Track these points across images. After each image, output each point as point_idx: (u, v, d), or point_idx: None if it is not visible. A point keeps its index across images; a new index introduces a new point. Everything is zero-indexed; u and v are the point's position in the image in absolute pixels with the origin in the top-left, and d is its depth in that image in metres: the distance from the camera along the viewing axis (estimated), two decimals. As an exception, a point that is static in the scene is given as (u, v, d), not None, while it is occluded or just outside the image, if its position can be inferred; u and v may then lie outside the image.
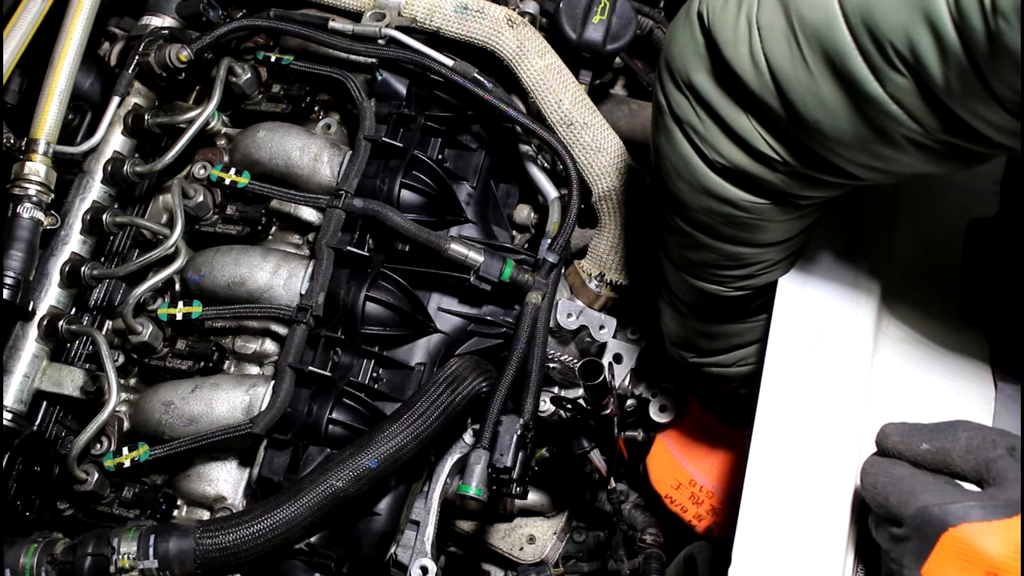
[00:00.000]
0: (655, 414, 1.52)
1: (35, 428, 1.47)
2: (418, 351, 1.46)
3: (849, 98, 0.85)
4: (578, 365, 1.31)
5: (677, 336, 1.33)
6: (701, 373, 1.34)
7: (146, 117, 1.58)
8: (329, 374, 1.40)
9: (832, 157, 0.93)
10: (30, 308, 1.46)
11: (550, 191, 1.52)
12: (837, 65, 0.84)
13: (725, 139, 0.96)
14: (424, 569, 1.42)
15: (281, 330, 1.50)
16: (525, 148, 1.55)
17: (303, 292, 1.45)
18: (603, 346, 1.50)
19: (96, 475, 1.41)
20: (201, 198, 1.54)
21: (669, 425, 1.53)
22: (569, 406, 1.45)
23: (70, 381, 1.48)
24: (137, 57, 1.58)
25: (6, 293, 1.39)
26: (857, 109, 0.86)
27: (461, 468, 1.35)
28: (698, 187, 1.01)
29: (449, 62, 1.51)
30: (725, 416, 1.47)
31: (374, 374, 1.44)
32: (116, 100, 1.57)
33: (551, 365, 1.50)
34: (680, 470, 1.49)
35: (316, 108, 1.67)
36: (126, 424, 1.49)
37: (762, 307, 1.19)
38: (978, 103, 0.79)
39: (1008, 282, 1.17)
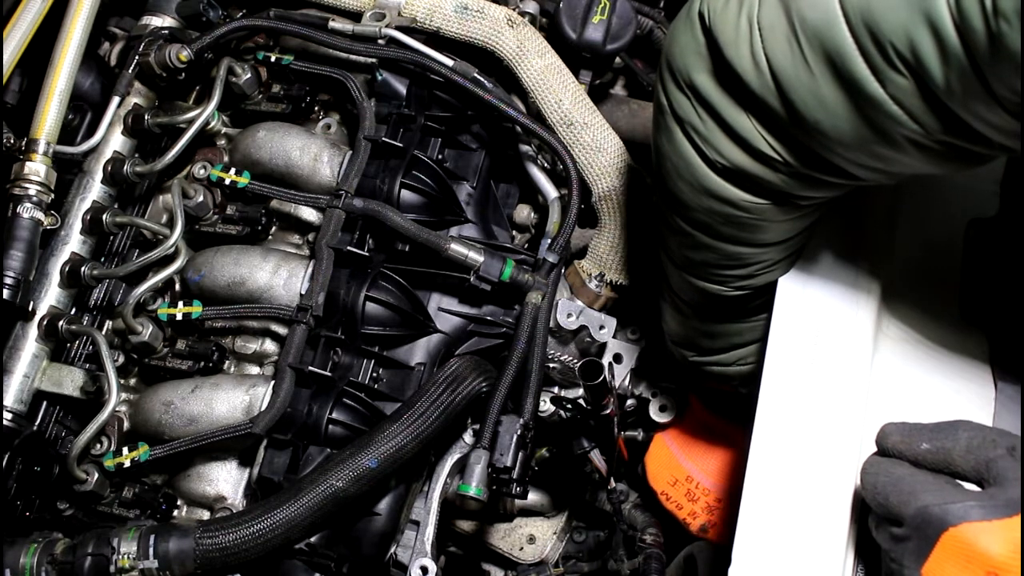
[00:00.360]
0: (655, 414, 1.52)
1: (35, 428, 1.47)
2: (418, 351, 1.46)
3: (850, 98, 0.85)
4: (578, 365, 1.31)
5: (678, 335, 1.33)
6: (702, 372, 1.34)
7: (146, 117, 1.58)
8: (329, 374, 1.40)
9: (832, 157, 0.93)
10: (30, 308, 1.46)
11: (550, 191, 1.52)
12: (838, 65, 0.84)
13: (726, 139, 0.96)
14: (424, 569, 1.42)
15: (281, 330, 1.50)
16: (525, 148, 1.55)
17: (303, 292, 1.45)
18: (603, 346, 1.50)
19: (96, 475, 1.41)
20: (201, 198, 1.54)
21: (669, 425, 1.53)
22: (569, 406, 1.45)
23: (70, 381, 1.48)
24: (137, 57, 1.58)
25: (6, 293, 1.39)
26: (858, 109, 0.86)
27: (461, 468, 1.35)
28: (698, 187, 1.01)
29: (449, 62, 1.50)
30: (725, 414, 1.47)
31: (374, 374, 1.44)
32: (116, 100, 1.57)
33: (551, 365, 1.50)
34: (677, 466, 1.49)
35: (316, 108, 1.67)
36: (126, 424, 1.49)
37: (762, 307, 1.19)
38: (978, 104, 0.79)
39: (1008, 282, 1.17)
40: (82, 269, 1.50)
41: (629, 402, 1.53)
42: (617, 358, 1.52)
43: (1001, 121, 0.81)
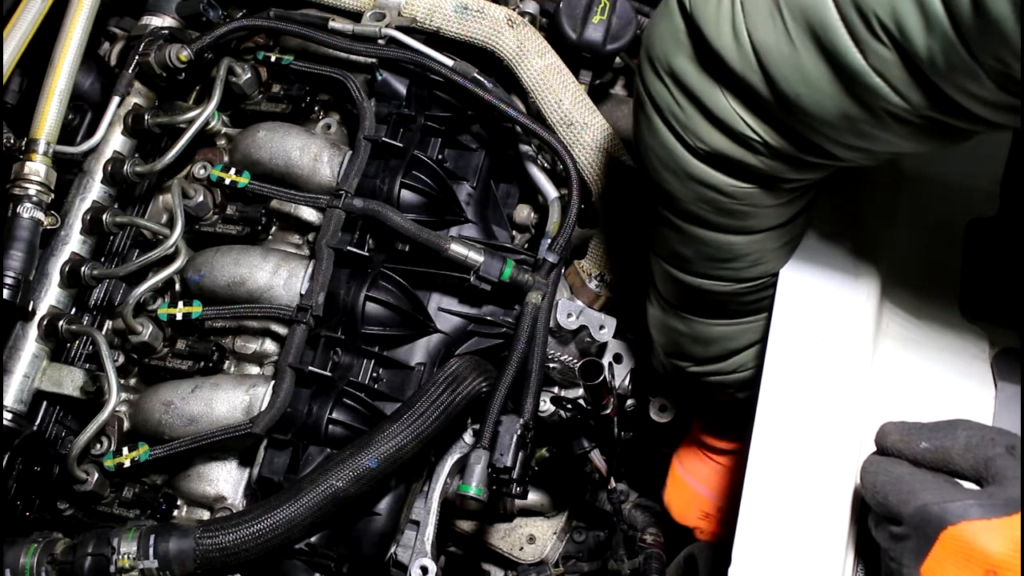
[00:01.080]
0: (655, 414, 1.52)
1: (35, 428, 1.47)
2: (418, 351, 1.46)
3: (832, 72, 0.85)
4: (578, 365, 1.30)
5: (669, 346, 1.32)
6: (700, 383, 1.33)
7: (146, 117, 1.58)
8: (329, 374, 1.40)
9: (814, 136, 0.92)
10: (30, 308, 1.46)
11: (550, 191, 1.52)
12: (820, 37, 0.84)
13: (706, 123, 0.96)
14: (424, 569, 1.42)
15: (281, 330, 1.50)
16: (525, 148, 1.55)
17: (303, 292, 1.45)
18: (603, 346, 1.50)
19: (96, 475, 1.41)
20: (201, 198, 1.54)
21: (669, 425, 1.53)
22: (569, 406, 1.45)
23: (70, 381, 1.48)
24: (137, 57, 1.58)
25: (6, 293, 1.39)
26: (840, 83, 0.85)
27: (461, 468, 1.35)
28: (683, 175, 1.01)
29: (449, 62, 1.51)
30: (730, 432, 1.45)
31: (374, 374, 1.44)
32: (116, 100, 1.57)
33: (551, 365, 1.50)
34: (703, 500, 1.47)
35: (316, 108, 1.67)
36: (126, 424, 1.49)
37: (753, 306, 1.18)
38: (963, 76, 0.79)
39: (1008, 282, 1.17)
40: (82, 269, 1.50)
41: (629, 402, 1.53)
42: (617, 358, 1.52)
43: (986, 93, 0.80)
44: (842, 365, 1.10)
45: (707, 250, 1.10)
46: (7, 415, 1.42)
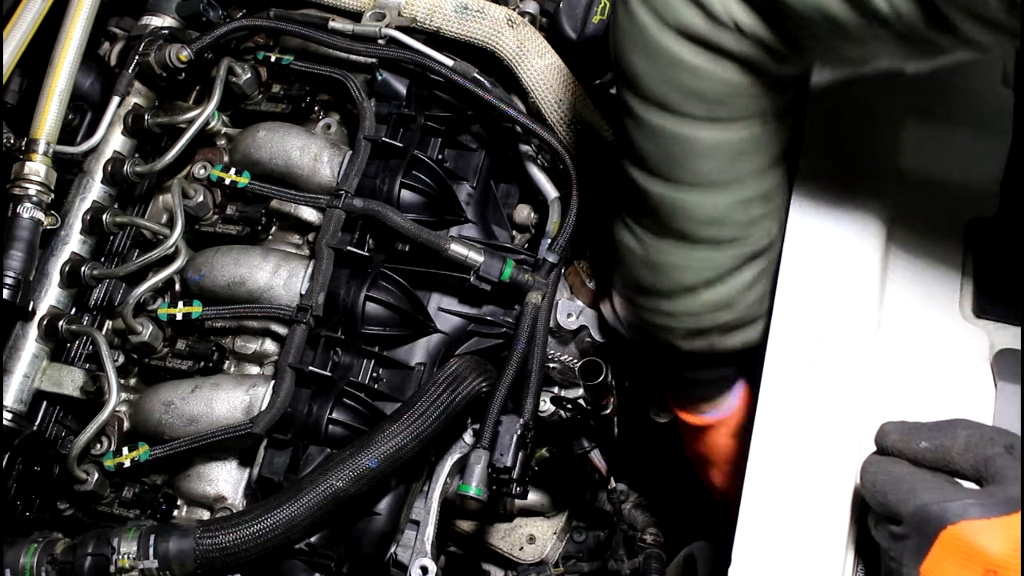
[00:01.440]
0: (655, 414, 1.52)
1: (35, 428, 1.47)
2: (418, 351, 1.46)
3: None
4: (578, 365, 1.31)
5: (623, 274, 1.28)
6: (648, 327, 1.28)
7: (146, 117, 1.58)
8: (329, 374, 1.40)
9: (793, 30, 0.92)
10: (30, 308, 1.46)
11: (550, 191, 1.52)
12: None
13: (683, 2, 0.95)
14: (424, 569, 1.42)
15: (281, 330, 1.50)
16: (525, 148, 1.55)
17: (303, 292, 1.45)
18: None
19: (96, 475, 1.41)
20: (201, 198, 1.54)
21: (669, 425, 1.53)
22: (569, 406, 1.45)
23: (70, 381, 1.48)
24: (137, 57, 1.58)
25: (6, 293, 1.39)
26: None
27: (461, 468, 1.35)
28: (652, 53, 1.00)
29: (449, 62, 1.51)
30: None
31: (374, 374, 1.44)
32: (116, 100, 1.57)
33: (551, 365, 1.50)
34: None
35: (316, 108, 1.67)
36: (126, 424, 1.49)
37: (713, 236, 1.15)
38: None
39: (1008, 282, 1.17)
40: (82, 269, 1.50)
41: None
42: (617, 358, 1.52)
43: (988, 12, 0.78)
44: (842, 365, 1.10)
45: (666, 144, 1.07)
46: (7, 415, 1.42)
